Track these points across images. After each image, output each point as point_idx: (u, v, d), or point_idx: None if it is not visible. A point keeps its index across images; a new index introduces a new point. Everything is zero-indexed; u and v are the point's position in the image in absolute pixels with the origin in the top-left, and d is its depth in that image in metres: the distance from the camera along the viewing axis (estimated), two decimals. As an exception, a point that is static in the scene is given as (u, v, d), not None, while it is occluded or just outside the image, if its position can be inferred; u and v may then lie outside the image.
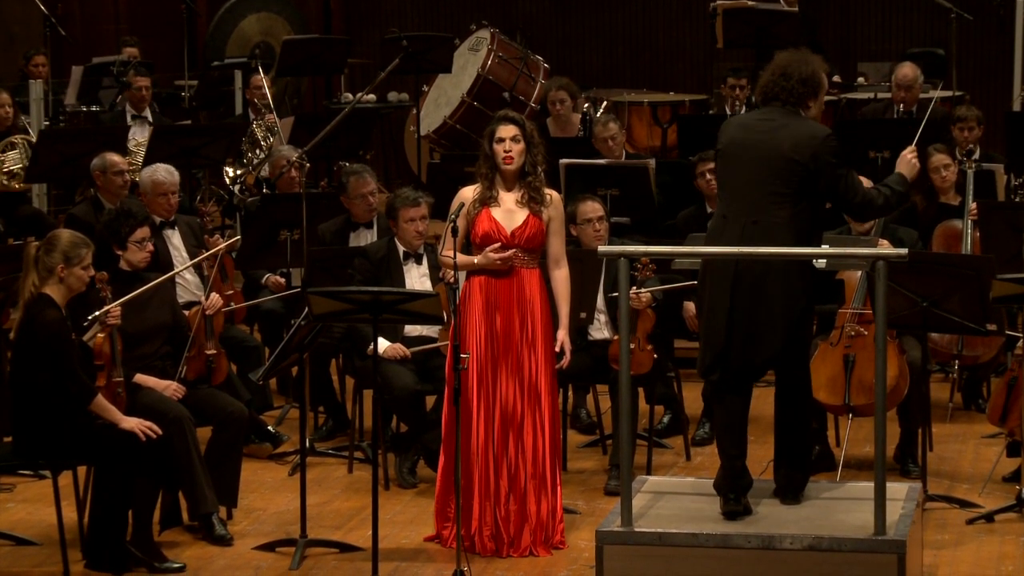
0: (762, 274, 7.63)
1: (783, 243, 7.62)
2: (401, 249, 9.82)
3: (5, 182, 13.15)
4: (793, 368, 7.85)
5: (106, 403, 8.32)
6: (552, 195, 8.68)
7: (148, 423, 8.28)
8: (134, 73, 14.61)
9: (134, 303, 8.75)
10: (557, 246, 8.67)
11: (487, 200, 8.58)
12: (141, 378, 8.68)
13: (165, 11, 17.22)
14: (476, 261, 8.53)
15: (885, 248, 9.04)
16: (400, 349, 9.49)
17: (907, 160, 7.98)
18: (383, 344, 9.29)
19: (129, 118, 14.21)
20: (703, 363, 7.84)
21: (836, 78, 14.49)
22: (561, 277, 8.66)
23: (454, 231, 8.28)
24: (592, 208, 9.99)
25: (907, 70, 13.47)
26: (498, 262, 8.46)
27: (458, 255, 8.40)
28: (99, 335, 8.56)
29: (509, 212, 8.58)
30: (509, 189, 8.60)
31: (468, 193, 8.63)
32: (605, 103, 14.52)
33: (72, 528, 8.46)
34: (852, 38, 15.75)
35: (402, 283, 9.70)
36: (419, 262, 9.81)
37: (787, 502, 7.79)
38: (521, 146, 8.57)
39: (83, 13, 17.74)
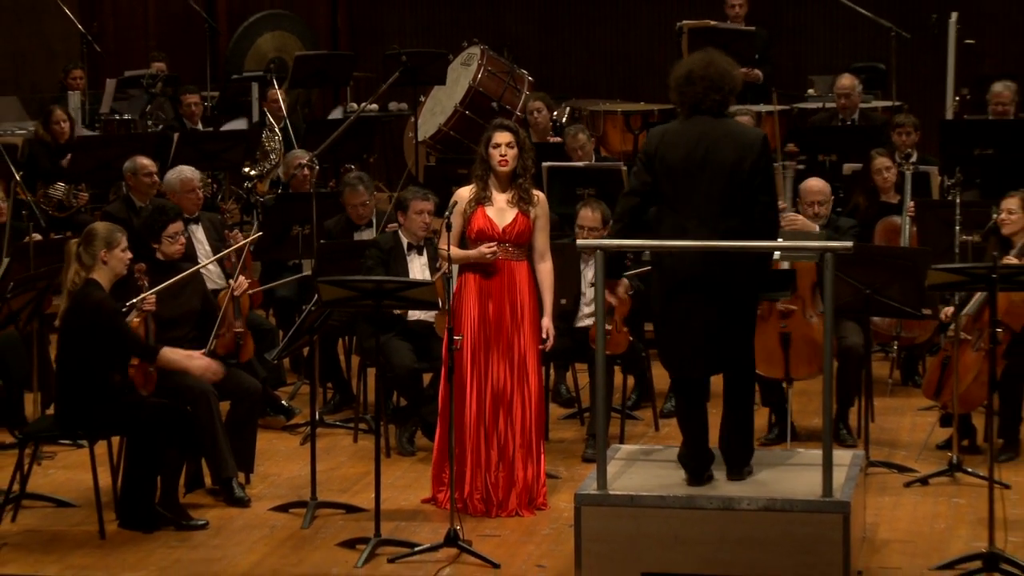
0: (727, 279, 7.51)
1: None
2: (405, 241, 9.83)
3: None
4: (748, 356, 7.84)
5: (171, 355, 8.40)
6: (539, 195, 8.69)
7: (215, 366, 8.39)
8: (183, 91, 14.66)
9: (168, 291, 8.76)
10: (542, 241, 8.67)
11: (481, 199, 8.59)
12: (171, 354, 8.65)
13: (190, 29, 17.19)
14: (470, 255, 8.54)
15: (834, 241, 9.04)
16: None
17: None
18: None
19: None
20: (676, 360, 7.70)
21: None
22: (545, 270, 8.67)
23: (448, 226, 8.29)
24: (584, 217, 9.87)
25: (845, 80, 13.50)
26: (488, 256, 8.47)
27: (454, 249, 8.41)
28: (135, 319, 8.57)
29: (501, 211, 8.59)
30: (502, 190, 8.60)
31: (464, 193, 8.63)
32: (569, 110, 14.55)
33: (107, 492, 8.46)
34: (803, 53, 15.73)
35: (406, 271, 9.70)
36: (420, 253, 9.82)
37: (733, 477, 7.69)
38: (515, 151, 8.58)
39: (116, 30, 17.72)
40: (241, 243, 9.59)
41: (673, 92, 7.68)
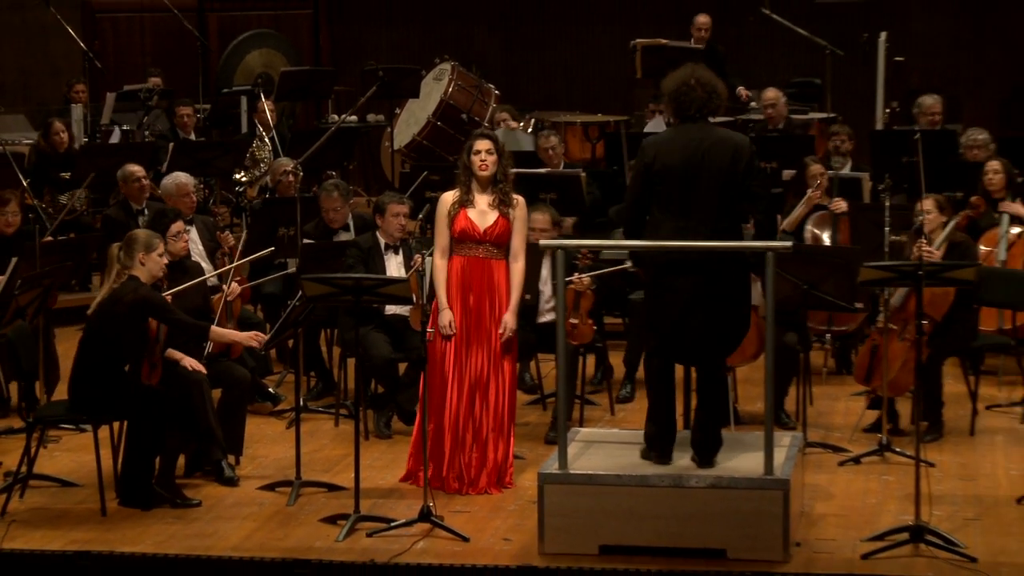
0: (718, 280, 7.51)
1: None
2: (383, 241, 9.81)
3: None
4: (724, 354, 7.84)
5: (222, 330, 8.68)
6: (518, 199, 8.67)
7: (260, 335, 8.61)
8: (177, 104, 14.64)
9: (177, 293, 8.78)
10: (517, 242, 8.63)
11: (464, 202, 8.58)
12: (171, 352, 8.66)
13: (183, 47, 17.13)
14: (442, 302, 8.51)
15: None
16: None
17: None
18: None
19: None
20: (659, 345, 7.66)
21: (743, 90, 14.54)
22: (516, 269, 8.64)
23: (423, 228, 8.26)
24: (535, 220, 9.80)
25: (770, 93, 13.58)
26: (447, 331, 8.48)
27: (439, 265, 8.46)
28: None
29: (482, 213, 8.57)
30: (483, 193, 8.59)
31: (448, 197, 8.63)
32: (533, 121, 14.57)
33: (108, 472, 8.42)
34: (746, 70, 15.75)
35: (383, 269, 9.69)
36: (396, 252, 9.81)
37: (704, 465, 7.68)
38: (494, 157, 8.57)
39: (115, 48, 17.68)
40: (238, 263, 9.59)
41: (671, 99, 7.64)
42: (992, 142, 12.03)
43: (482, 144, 8.59)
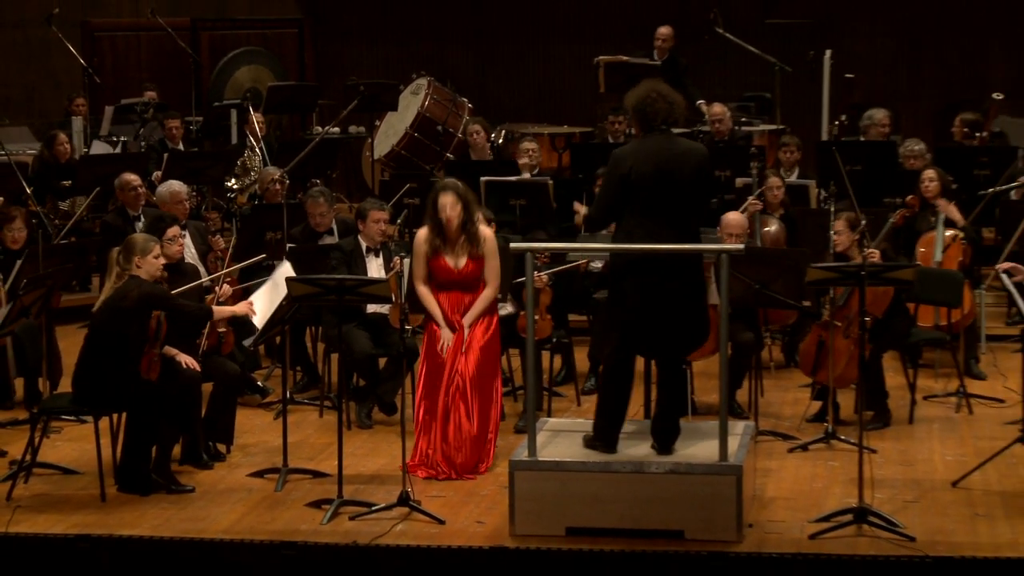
0: (690, 279, 7.54)
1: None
2: (364, 245, 9.79)
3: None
4: (692, 348, 7.83)
5: (223, 308, 8.73)
6: (485, 235, 8.68)
7: (251, 302, 8.67)
8: (167, 116, 14.57)
9: (178, 293, 8.77)
10: (488, 270, 8.69)
11: (437, 248, 8.58)
12: (168, 349, 8.62)
13: (177, 63, 17.06)
14: (435, 314, 8.62)
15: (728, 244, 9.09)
16: None
17: None
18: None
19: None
20: (625, 342, 7.63)
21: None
22: (486, 293, 8.69)
23: (402, 232, 8.25)
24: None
25: (716, 108, 13.56)
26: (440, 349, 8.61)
27: (423, 291, 8.55)
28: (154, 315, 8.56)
29: (455, 256, 8.60)
30: (453, 237, 8.59)
31: (423, 235, 8.67)
32: (504, 132, 14.56)
33: (107, 461, 8.39)
34: (700, 84, 15.75)
35: (364, 271, 9.67)
36: (377, 255, 9.78)
37: (664, 452, 7.68)
38: (459, 208, 8.54)
39: (113, 64, 17.57)
40: (228, 270, 9.55)
41: (635, 111, 7.63)
42: (928, 152, 12.08)
43: (446, 199, 8.56)
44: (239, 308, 8.72)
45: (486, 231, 8.72)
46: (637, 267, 7.55)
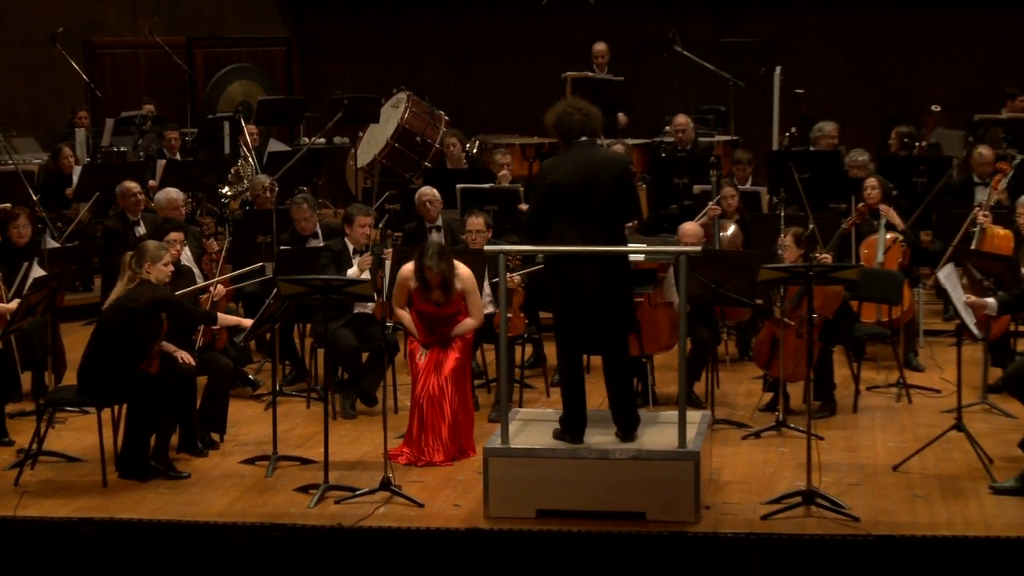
0: (615, 275, 7.54)
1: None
2: (351, 246, 9.78)
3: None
4: (627, 338, 7.83)
5: (227, 316, 8.76)
6: (461, 273, 8.68)
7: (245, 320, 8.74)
8: (165, 129, 14.54)
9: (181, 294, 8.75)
10: (471, 307, 8.72)
11: (420, 293, 8.60)
12: (165, 345, 8.59)
13: (174, 78, 17.00)
14: (410, 328, 8.69)
15: (686, 247, 9.09)
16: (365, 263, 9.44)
17: None
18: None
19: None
20: (572, 337, 7.65)
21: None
22: (467, 322, 8.71)
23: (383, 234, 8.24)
24: (473, 223, 9.95)
25: (680, 119, 13.58)
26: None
27: (401, 313, 8.65)
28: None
29: (436, 300, 8.62)
30: (435, 287, 8.60)
31: (407, 272, 8.67)
32: (478, 143, 14.55)
33: (109, 449, 8.34)
34: (660, 98, 15.79)
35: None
36: (362, 256, 9.78)
37: (626, 439, 7.67)
38: (440, 268, 8.54)
39: (114, 80, 17.49)
40: (222, 277, 9.50)
41: (555, 127, 7.65)
42: (871, 162, 12.13)
43: (431, 262, 8.55)
44: (244, 321, 8.75)
45: (463, 270, 8.72)
46: (564, 270, 7.57)
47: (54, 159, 13.51)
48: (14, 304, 9.00)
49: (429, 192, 11.14)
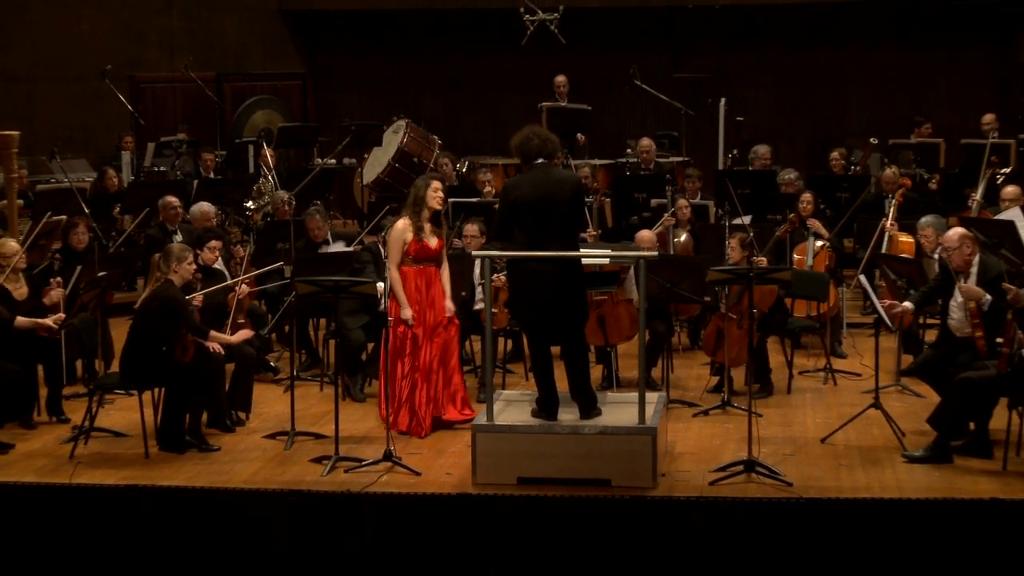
0: (568, 277, 7.51)
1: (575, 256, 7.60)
2: (383, 250, 9.73)
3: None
4: (581, 330, 7.81)
5: (217, 333, 8.43)
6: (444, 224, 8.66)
7: (248, 334, 8.62)
8: (202, 151, 14.51)
9: (208, 292, 8.68)
10: (444, 254, 8.66)
11: (418, 231, 8.51)
12: (215, 335, 8.51)
13: (205, 108, 16.98)
14: (401, 300, 8.49)
15: (645, 251, 9.08)
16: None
17: None
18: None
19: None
20: (534, 331, 7.64)
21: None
22: (445, 272, 8.67)
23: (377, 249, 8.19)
24: (469, 229, 9.95)
25: (644, 141, 13.60)
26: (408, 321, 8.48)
27: (396, 276, 8.43)
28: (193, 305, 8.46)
29: (428, 236, 8.55)
30: (428, 221, 8.54)
31: (401, 225, 8.56)
32: (467, 163, 14.54)
33: (150, 426, 8.32)
34: (622, 124, 15.78)
35: (383, 268, 9.45)
36: None
37: (587, 418, 7.66)
38: (443, 194, 8.54)
39: (154, 109, 17.45)
40: (246, 276, 9.43)
41: (517, 150, 7.63)
42: (800, 179, 12.16)
43: (438, 184, 8.53)
44: (234, 339, 8.54)
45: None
46: (521, 273, 7.55)
47: (100, 179, 13.53)
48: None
49: None
